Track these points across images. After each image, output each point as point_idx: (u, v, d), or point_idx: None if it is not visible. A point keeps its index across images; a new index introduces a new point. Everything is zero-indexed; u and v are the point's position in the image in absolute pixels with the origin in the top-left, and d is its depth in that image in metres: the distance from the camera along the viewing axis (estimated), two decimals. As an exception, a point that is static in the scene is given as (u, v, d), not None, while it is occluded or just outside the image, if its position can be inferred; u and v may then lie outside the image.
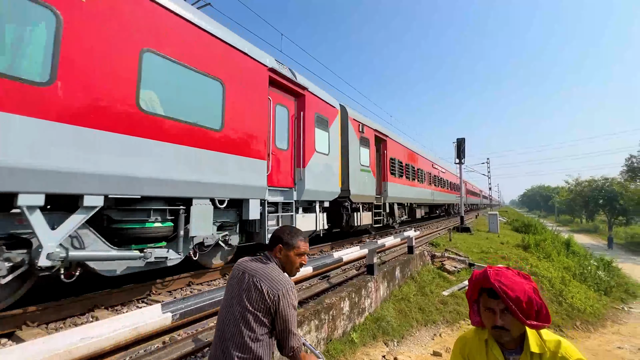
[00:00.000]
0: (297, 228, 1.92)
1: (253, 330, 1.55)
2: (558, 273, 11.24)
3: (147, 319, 2.22)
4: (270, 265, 1.74)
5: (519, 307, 1.15)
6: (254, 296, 1.60)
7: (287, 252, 1.81)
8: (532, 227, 23.82)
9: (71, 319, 3.67)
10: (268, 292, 1.59)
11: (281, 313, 1.59)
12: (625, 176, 46.04)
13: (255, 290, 1.61)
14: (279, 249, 1.82)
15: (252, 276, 1.66)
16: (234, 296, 1.65)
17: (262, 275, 1.66)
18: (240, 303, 1.60)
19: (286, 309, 1.60)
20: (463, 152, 18.90)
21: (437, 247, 11.54)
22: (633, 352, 7.39)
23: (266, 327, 1.59)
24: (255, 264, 1.75)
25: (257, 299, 1.59)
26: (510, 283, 1.19)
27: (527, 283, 1.21)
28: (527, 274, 1.29)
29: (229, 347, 1.54)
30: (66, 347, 1.76)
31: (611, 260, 17.30)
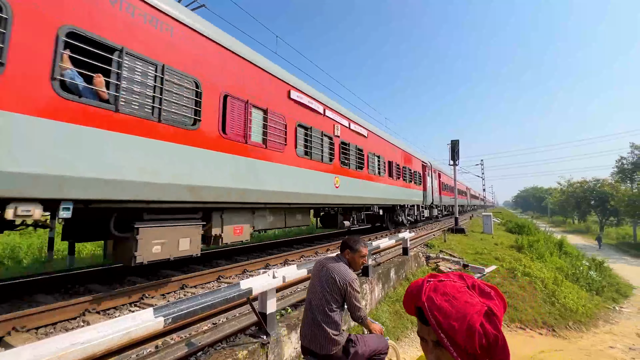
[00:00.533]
0: (360, 237, 2.68)
1: (330, 303, 2.39)
2: (551, 273, 11.36)
3: (139, 324, 2.19)
4: (340, 263, 2.55)
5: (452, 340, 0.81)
6: (330, 283, 2.43)
7: (353, 255, 2.61)
8: (526, 228, 24.06)
9: (62, 324, 3.62)
10: (339, 281, 2.42)
11: (349, 295, 2.43)
12: (616, 177, 46.76)
13: (331, 279, 2.44)
14: (347, 252, 2.63)
15: (328, 269, 2.50)
16: (318, 282, 2.50)
17: (335, 269, 2.48)
18: (321, 286, 2.45)
19: (352, 293, 2.43)
20: (457, 153, 19.05)
21: (432, 249, 11.59)
22: (625, 351, 7.49)
23: (338, 303, 2.43)
24: (331, 262, 2.58)
25: (332, 284, 2.42)
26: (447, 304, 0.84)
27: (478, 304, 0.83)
28: (491, 287, 0.90)
29: (315, 314, 2.40)
30: (55, 353, 1.73)
31: (603, 260, 17.54)
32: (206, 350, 3.19)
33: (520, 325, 8.12)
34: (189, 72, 4.60)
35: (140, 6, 4.03)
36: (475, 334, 0.80)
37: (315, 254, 8.62)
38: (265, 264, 6.95)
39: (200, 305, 2.66)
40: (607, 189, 47.48)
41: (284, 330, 3.67)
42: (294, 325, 3.83)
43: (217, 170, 4.96)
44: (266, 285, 3.37)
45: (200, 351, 3.16)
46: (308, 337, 2.41)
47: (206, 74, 4.89)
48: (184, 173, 4.43)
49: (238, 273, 6.23)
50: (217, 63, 5.11)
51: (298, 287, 5.53)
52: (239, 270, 6.28)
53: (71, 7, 3.37)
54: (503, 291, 9.19)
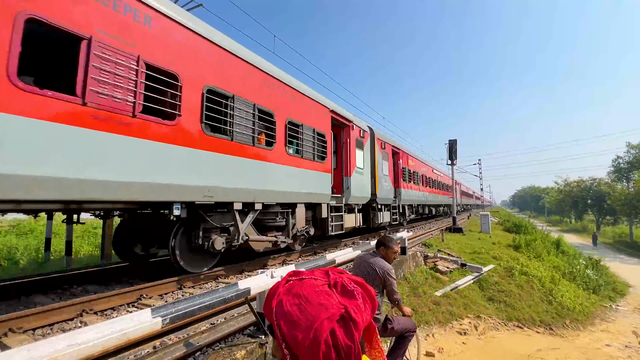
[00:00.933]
0: (392, 236, 3.38)
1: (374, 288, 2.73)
2: (548, 272, 11.43)
3: (136, 324, 2.18)
4: (378, 257, 3.22)
5: (294, 353, 0.67)
6: (371, 273, 3.05)
7: (387, 251, 3.27)
8: (523, 227, 24.18)
9: (59, 325, 3.60)
10: (379, 270, 3.05)
11: (387, 283, 3.05)
12: (612, 177, 47.12)
13: (372, 270, 3.07)
14: (382, 249, 3.29)
15: (369, 262, 3.16)
16: (360, 272, 3.09)
17: (375, 262, 3.14)
18: (363, 275, 2.97)
19: (390, 280, 3.06)
20: (455, 153, 19.11)
21: (430, 248, 11.62)
22: (621, 349, 7.55)
23: (378, 288, 3.04)
24: (370, 256, 3.24)
25: (373, 274, 3.04)
26: (296, 309, 0.69)
27: (333, 306, 0.67)
28: (359, 283, 0.74)
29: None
30: (51, 354, 1.72)
31: (599, 259, 17.67)
32: (204, 350, 3.19)
33: (517, 323, 8.16)
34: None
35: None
36: (319, 348, 0.62)
37: (314, 253, 8.62)
38: (263, 264, 6.94)
39: (198, 306, 2.65)
40: (604, 188, 47.84)
41: (282, 330, 3.66)
42: (292, 325, 3.83)
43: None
44: (264, 285, 3.37)
45: (199, 351, 3.15)
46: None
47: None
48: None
49: (236, 273, 6.22)
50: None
51: (296, 287, 5.53)
52: (236, 270, 6.27)
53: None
54: (501, 290, 9.26)
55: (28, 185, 3.10)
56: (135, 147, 3.98)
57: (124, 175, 3.86)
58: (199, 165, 4.79)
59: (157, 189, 4.20)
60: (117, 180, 3.78)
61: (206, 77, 5.00)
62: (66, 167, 3.36)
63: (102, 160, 3.65)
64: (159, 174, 4.23)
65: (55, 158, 3.29)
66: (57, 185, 3.30)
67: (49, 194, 3.26)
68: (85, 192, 3.52)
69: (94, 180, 3.57)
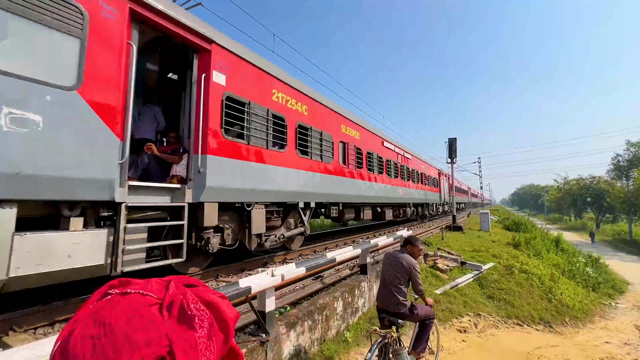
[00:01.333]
0: (417, 237, 4.17)
1: (399, 279, 3.59)
2: (547, 270, 11.45)
3: (137, 323, 2.18)
4: (405, 254, 3.77)
5: None
6: (400, 266, 3.63)
7: (413, 249, 3.88)
8: (523, 225, 24.22)
9: (60, 324, 3.60)
10: (405, 264, 3.62)
11: (412, 275, 3.61)
12: (611, 175, 47.16)
13: (400, 264, 3.64)
14: (409, 247, 3.89)
15: (397, 257, 3.72)
16: (389, 266, 3.72)
17: (403, 257, 3.70)
18: (393, 268, 3.66)
19: (415, 273, 3.62)
20: (455, 151, 19.11)
21: (430, 246, 11.64)
22: (620, 346, 7.58)
23: (405, 279, 3.61)
24: (398, 253, 3.81)
25: (401, 267, 3.62)
26: (88, 348, 0.45)
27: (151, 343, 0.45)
28: (210, 303, 0.55)
29: (389, 286, 3.61)
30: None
31: (599, 257, 17.70)
32: (205, 349, 3.19)
33: (517, 321, 8.18)
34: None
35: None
36: None
37: (314, 252, 8.63)
38: (264, 262, 6.95)
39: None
40: (603, 186, 47.89)
41: (283, 328, 3.67)
42: (292, 323, 3.84)
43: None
44: (265, 284, 3.38)
45: (199, 350, 3.16)
46: (384, 301, 3.67)
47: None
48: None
49: (236, 272, 6.22)
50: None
51: (297, 285, 5.54)
52: (237, 269, 6.28)
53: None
54: (500, 288, 9.29)
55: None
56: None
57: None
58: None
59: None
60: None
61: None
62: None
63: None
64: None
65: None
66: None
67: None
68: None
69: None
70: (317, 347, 4.28)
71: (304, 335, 4.02)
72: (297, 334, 3.90)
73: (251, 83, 6.05)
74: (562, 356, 6.41)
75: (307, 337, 4.09)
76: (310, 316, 4.19)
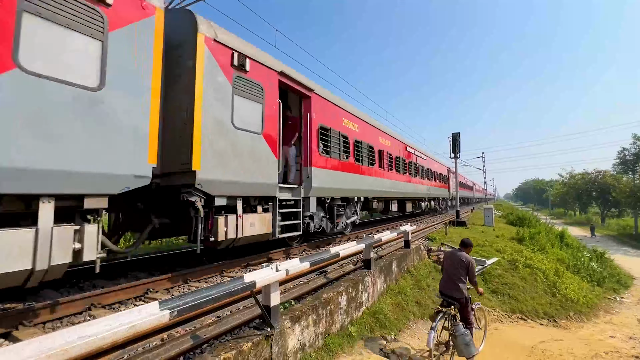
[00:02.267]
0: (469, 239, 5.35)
1: (460, 273, 4.82)
2: (552, 265, 11.41)
3: (144, 317, 2.22)
4: (463, 252, 4.99)
5: None
6: (460, 262, 4.86)
7: (468, 249, 5.12)
8: (527, 220, 24.09)
9: (68, 318, 3.66)
10: (463, 260, 4.84)
11: (470, 269, 4.82)
12: (617, 169, 46.63)
13: (460, 260, 4.87)
14: (466, 248, 5.11)
15: (457, 255, 4.95)
16: (450, 261, 5.01)
17: (462, 255, 4.92)
18: (453, 263, 4.93)
19: (472, 267, 4.85)
20: (458, 146, 18.99)
21: (434, 242, 11.63)
22: (625, 340, 7.56)
23: (464, 272, 4.81)
24: (457, 251, 5.03)
25: (461, 263, 4.84)
26: None
27: None
28: None
29: (451, 277, 4.87)
30: (62, 346, 1.75)
31: (604, 251, 17.59)
32: (211, 342, 3.23)
33: (521, 315, 8.19)
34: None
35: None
36: None
37: (317, 247, 8.66)
38: (268, 257, 6.99)
39: (205, 299, 2.68)
40: (609, 181, 47.41)
41: (288, 322, 3.70)
42: (297, 317, 3.87)
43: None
44: (269, 279, 3.40)
45: (205, 343, 3.20)
46: (446, 287, 4.94)
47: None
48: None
49: (241, 267, 6.27)
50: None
51: (301, 280, 5.56)
52: (241, 264, 6.32)
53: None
54: (504, 283, 9.29)
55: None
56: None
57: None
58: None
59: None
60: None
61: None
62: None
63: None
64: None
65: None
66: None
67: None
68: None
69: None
70: (322, 341, 4.31)
71: (308, 330, 4.05)
72: (302, 328, 3.93)
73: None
74: (567, 350, 6.41)
75: (312, 331, 4.13)
76: (314, 310, 4.22)
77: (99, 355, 2.80)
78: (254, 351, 3.15)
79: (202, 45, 4.84)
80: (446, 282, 4.94)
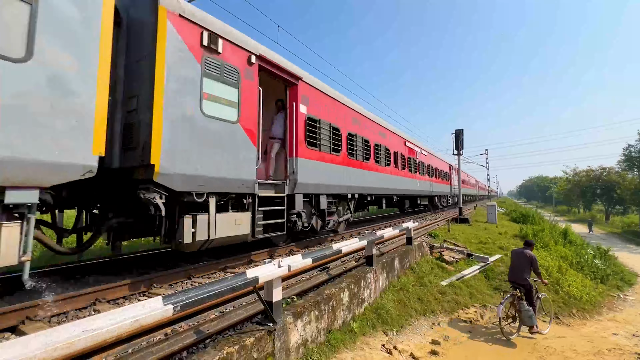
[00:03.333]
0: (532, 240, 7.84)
1: (525, 265, 6.67)
2: (555, 262, 11.35)
3: (148, 311, 2.24)
4: (527, 250, 6.88)
5: None
6: (525, 258, 6.72)
7: (531, 247, 7.01)
8: (530, 217, 23.96)
9: (73, 313, 3.70)
10: (527, 256, 6.70)
11: (534, 263, 6.67)
12: (622, 166, 46.16)
13: (525, 256, 6.72)
14: (528, 245, 7.02)
15: (523, 252, 6.81)
16: (517, 257, 6.86)
17: (527, 252, 6.77)
18: (520, 259, 6.77)
19: (535, 262, 6.70)
20: (462, 143, 18.89)
21: (436, 238, 11.62)
22: (628, 338, 7.53)
23: (529, 265, 6.67)
24: (522, 250, 6.91)
25: (526, 258, 6.70)
26: None
27: None
28: None
29: (518, 268, 6.70)
30: (68, 339, 1.78)
31: (608, 249, 17.48)
32: (214, 337, 3.26)
33: (523, 313, 8.17)
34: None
35: None
36: None
37: (306, 247, 8.68)
38: (270, 254, 7.01)
39: (208, 294, 2.70)
40: (614, 178, 46.99)
41: (290, 318, 3.72)
42: (299, 313, 3.89)
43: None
44: (272, 274, 3.42)
45: (209, 338, 3.22)
46: (514, 275, 6.67)
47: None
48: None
49: (243, 263, 6.30)
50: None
51: (303, 276, 5.59)
52: (244, 260, 6.35)
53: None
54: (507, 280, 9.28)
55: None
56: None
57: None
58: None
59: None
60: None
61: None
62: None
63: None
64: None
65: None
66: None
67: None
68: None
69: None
70: (324, 337, 4.34)
71: (310, 325, 4.07)
72: (304, 324, 3.95)
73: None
74: (569, 347, 6.40)
75: (314, 327, 4.15)
76: (316, 306, 4.24)
77: (104, 349, 2.84)
78: (257, 346, 3.18)
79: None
80: (514, 272, 6.72)
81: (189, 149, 4.48)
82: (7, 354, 1.58)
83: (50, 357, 1.70)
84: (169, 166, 4.16)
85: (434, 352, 5.17)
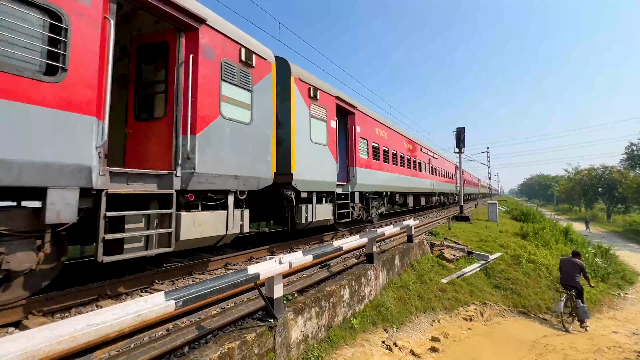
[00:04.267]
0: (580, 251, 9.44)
1: (576, 271, 8.22)
2: (556, 260, 11.35)
3: (150, 306, 2.26)
4: (576, 258, 8.44)
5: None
6: (575, 265, 8.28)
7: (579, 257, 8.59)
8: (531, 215, 23.94)
9: (76, 308, 3.73)
10: (577, 264, 8.29)
11: (583, 269, 8.27)
12: (625, 164, 45.98)
13: (575, 264, 8.30)
14: (577, 255, 8.58)
15: (573, 261, 8.40)
16: (568, 263, 8.44)
17: (575, 261, 8.36)
18: (571, 266, 8.32)
19: (584, 268, 8.34)
20: (463, 141, 18.85)
21: (437, 236, 11.62)
22: (628, 336, 7.54)
23: (579, 271, 8.24)
24: (571, 258, 8.51)
25: (576, 265, 8.28)
26: None
27: None
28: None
29: (570, 273, 8.24)
30: (71, 333, 1.80)
31: (609, 247, 17.45)
32: (215, 333, 3.29)
33: (524, 310, 8.20)
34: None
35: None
36: None
37: (359, 231, 8.78)
38: (271, 251, 7.04)
39: (210, 289, 2.72)
40: (616, 176, 46.83)
41: (291, 314, 3.74)
42: (300, 309, 3.91)
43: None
44: (273, 271, 3.44)
45: (210, 334, 3.25)
46: (566, 279, 8.24)
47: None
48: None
49: (244, 260, 6.33)
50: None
51: (304, 273, 5.61)
52: (245, 257, 6.38)
53: None
54: (507, 277, 9.28)
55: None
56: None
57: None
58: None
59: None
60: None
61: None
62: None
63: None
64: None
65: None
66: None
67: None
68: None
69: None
70: (325, 333, 4.36)
71: (311, 322, 4.10)
72: (305, 320, 3.98)
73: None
74: (569, 345, 6.42)
75: (315, 323, 4.17)
76: (317, 303, 4.26)
77: (107, 343, 2.87)
78: (258, 342, 3.20)
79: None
80: (566, 278, 8.20)
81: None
82: (11, 347, 1.60)
83: (54, 351, 1.73)
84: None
85: (434, 349, 5.20)
